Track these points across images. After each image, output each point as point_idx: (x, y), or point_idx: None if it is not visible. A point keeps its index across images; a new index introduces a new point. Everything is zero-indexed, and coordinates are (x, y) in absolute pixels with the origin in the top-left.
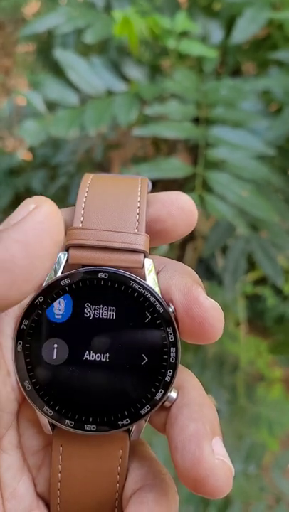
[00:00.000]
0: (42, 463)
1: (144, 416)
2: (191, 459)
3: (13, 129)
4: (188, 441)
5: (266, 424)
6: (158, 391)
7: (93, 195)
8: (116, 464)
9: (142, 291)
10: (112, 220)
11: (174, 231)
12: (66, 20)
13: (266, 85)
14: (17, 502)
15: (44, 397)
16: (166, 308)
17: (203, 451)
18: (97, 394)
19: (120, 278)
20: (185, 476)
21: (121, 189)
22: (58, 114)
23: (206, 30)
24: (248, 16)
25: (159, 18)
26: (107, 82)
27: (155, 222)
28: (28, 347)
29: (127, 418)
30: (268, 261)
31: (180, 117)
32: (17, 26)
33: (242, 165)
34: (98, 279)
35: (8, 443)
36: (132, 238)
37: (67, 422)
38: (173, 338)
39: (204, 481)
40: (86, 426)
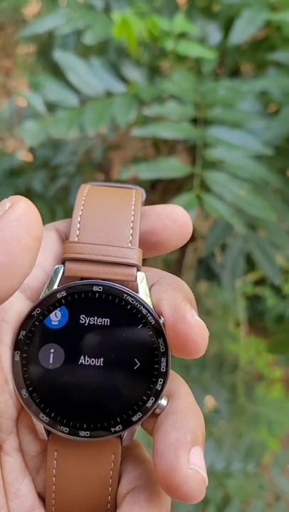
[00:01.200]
0: (40, 466)
1: (136, 423)
2: (168, 465)
3: (13, 130)
4: (168, 449)
5: (266, 423)
6: (149, 399)
7: (88, 209)
8: (108, 469)
9: (135, 304)
10: (106, 234)
11: (168, 243)
12: (66, 22)
13: (264, 86)
14: (20, 502)
15: (40, 405)
16: (157, 320)
17: (179, 460)
18: (91, 401)
19: (114, 291)
20: (162, 481)
21: (115, 203)
22: (57, 114)
23: (205, 31)
24: (247, 17)
25: (158, 20)
26: (106, 83)
27: (150, 235)
28: (25, 356)
29: (119, 425)
30: (266, 260)
31: (178, 118)
32: (17, 27)
33: (240, 165)
34: (93, 291)
35: (10, 447)
36: (125, 252)
37: (62, 428)
38: (164, 349)
39: (178, 488)
40: (80, 432)
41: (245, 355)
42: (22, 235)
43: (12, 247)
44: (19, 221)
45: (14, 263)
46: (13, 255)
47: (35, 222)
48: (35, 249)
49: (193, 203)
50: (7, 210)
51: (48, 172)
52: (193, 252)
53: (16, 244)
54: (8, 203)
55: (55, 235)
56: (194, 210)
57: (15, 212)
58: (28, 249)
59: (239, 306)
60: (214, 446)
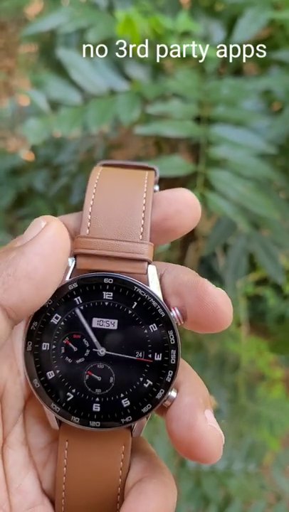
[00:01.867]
0: (47, 459)
1: (146, 414)
2: (186, 425)
3: (15, 129)
4: (183, 412)
5: (267, 423)
6: (159, 391)
7: (99, 199)
8: (119, 459)
9: (145, 296)
10: (117, 227)
11: (181, 226)
12: (69, 20)
13: (267, 85)
14: (22, 497)
15: (52, 395)
16: (167, 312)
17: (197, 419)
18: (101, 392)
19: (124, 283)
20: (179, 442)
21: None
22: (60, 112)
23: (208, 30)
24: (250, 16)
25: (161, 18)
26: (110, 81)
27: (164, 220)
28: (37, 347)
29: (129, 416)
30: (269, 259)
31: (182, 116)
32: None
33: (243, 163)
34: (104, 284)
35: (14, 439)
36: (136, 247)
37: (74, 418)
38: (174, 341)
39: (197, 444)
40: (91, 422)
41: (246, 355)
42: (57, 250)
43: (51, 261)
44: (55, 238)
45: (51, 274)
46: (51, 267)
47: (66, 238)
48: (66, 263)
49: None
50: (44, 229)
51: (50, 171)
52: (195, 251)
53: (53, 258)
54: (43, 221)
55: None
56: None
57: (51, 231)
58: (62, 263)
59: (240, 306)
60: None
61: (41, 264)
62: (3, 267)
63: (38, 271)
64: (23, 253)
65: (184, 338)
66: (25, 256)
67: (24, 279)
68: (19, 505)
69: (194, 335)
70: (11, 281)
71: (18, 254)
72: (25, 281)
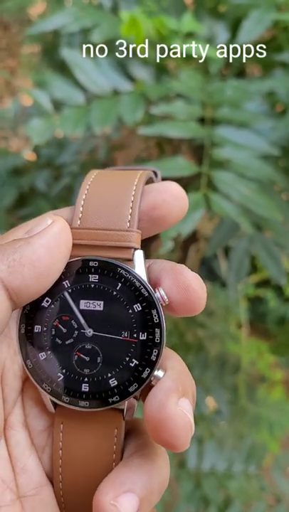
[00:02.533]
0: (46, 443)
1: (133, 393)
2: (158, 404)
3: (17, 129)
4: (159, 392)
5: (267, 425)
6: (144, 369)
7: (92, 193)
8: (112, 443)
9: (129, 277)
10: (106, 218)
11: (169, 215)
12: (73, 20)
13: (271, 86)
14: (28, 477)
15: (44, 375)
16: (150, 292)
17: (168, 400)
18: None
19: (108, 265)
20: (150, 420)
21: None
22: (64, 112)
23: (212, 31)
24: (254, 18)
25: (166, 19)
26: (114, 81)
27: (152, 210)
28: (29, 329)
29: (116, 395)
30: (271, 260)
31: (185, 117)
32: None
33: (246, 164)
34: (89, 266)
35: (15, 420)
36: (123, 236)
37: (64, 397)
38: (157, 320)
39: (164, 424)
40: (80, 402)
41: (246, 356)
42: (61, 244)
43: (54, 253)
44: (60, 234)
45: (54, 265)
46: (54, 259)
47: (69, 236)
48: (67, 257)
49: (200, 202)
50: (50, 225)
51: (52, 171)
52: (196, 253)
53: (56, 251)
54: (50, 219)
55: None
56: (202, 209)
57: (56, 227)
58: (64, 256)
59: (241, 308)
60: (216, 447)
61: (45, 255)
62: (10, 252)
63: (42, 260)
64: (29, 243)
65: (184, 340)
66: (32, 246)
67: (28, 266)
68: (25, 485)
69: (195, 336)
70: (16, 265)
71: (24, 244)
72: (29, 268)
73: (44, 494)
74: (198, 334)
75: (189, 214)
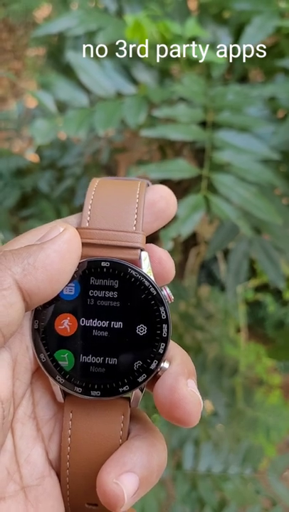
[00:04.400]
0: (53, 431)
1: (141, 383)
2: (169, 388)
3: (21, 130)
4: (168, 377)
5: (264, 428)
6: (152, 362)
7: (98, 198)
8: (118, 428)
9: (138, 277)
10: (113, 220)
11: (167, 208)
12: (78, 23)
13: (272, 92)
14: (31, 468)
15: (57, 367)
16: (158, 291)
17: (179, 383)
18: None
19: (120, 266)
20: (162, 402)
21: (122, 193)
22: (68, 114)
23: (215, 36)
24: (257, 24)
25: (170, 24)
26: (117, 84)
27: (153, 205)
28: (42, 325)
29: (126, 385)
30: (270, 264)
31: (188, 120)
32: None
33: (247, 168)
34: (101, 267)
35: (22, 413)
36: (130, 237)
37: (76, 388)
38: (165, 316)
39: (177, 405)
40: (92, 392)
41: (244, 360)
42: (72, 251)
43: (66, 259)
44: (71, 241)
45: (65, 270)
46: (65, 263)
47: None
48: (76, 263)
49: (200, 203)
50: (62, 232)
51: (55, 173)
52: (196, 256)
53: (68, 257)
54: (61, 227)
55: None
56: (202, 211)
57: (67, 235)
58: (74, 263)
59: (240, 312)
60: (212, 449)
61: (58, 259)
62: (24, 256)
63: (54, 265)
64: (43, 248)
65: (183, 342)
66: (45, 251)
67: (41, 269)
68: (29, 475)
69: (194, 339)
70: (30, 269)
71: (38, 249)
72: (42, 272)
73: (47, 484)
74: (197, 337)
75: (189, 215)
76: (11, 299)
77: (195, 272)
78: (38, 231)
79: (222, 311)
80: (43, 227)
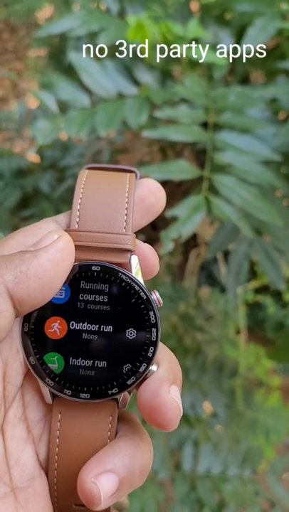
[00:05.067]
0: (42, 432)
1: (130, 386)
2: (151, 392)
3: (22, 131)
4: (152, 381)
5: (263, 430)
6: (142, 365)
7: (87, 197)
8: (106, 429)
9: (128, 281)
10: (103, 221)
11: (156, 203)
12: (80, 24)
13: (274, 93)
14: (21, 469)
15: (46, 370)
16: (148, 295)
17: (161, 388)
18: (91, 367)
19: (110, 270)
20: (143, 405)
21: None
22: (69, 114)
23: (217, 38)
24: (259, 25)
25: (172, 25)
26: (119, 85)
27: (142, 200)
28: (32, 328)
29: (115, 388)
30: (270, 265)
31: (189, 121)
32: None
33: (248, 169)
34: (92, 271)
35: (13, 415)
36: (120, 238)
37: (66, 391)
38: (154, 320)
39: (158, 409)
40: (81, 394)
41: (244, 361)
42: (65, 259)
43: (58, 267)
44: (65, 250)
45: (57, 278)
46: (58, 272)
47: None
48: (68, 271)
49: (201, 204)
50: (56, 240)
51: (56, 173)
52: (196, 257)
53: (61, 265)
54: (56, 234)
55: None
56: (203, 212)
57: (61, 242)
58: (66, 270)
59: (240, 313)
60: (211, 450)
61: (50, 268)
62: (17, 263)
63: (46, 273)
64: (36, 256)
65: (183, 343)
66: (38, 259)
67: (34, 278)
68: (19, 477)
69: (193, 340)
70: (22, 276)
71: (31, 256)
72: (34, 280)
73: (37, 486)
74: (197, 338)
75: (190, 216)
76: (1, 306)
77: (195, 273)
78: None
79: (222, 312)
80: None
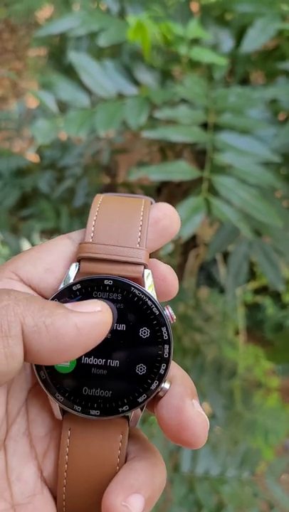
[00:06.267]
0: (48, 448)
1: (141, 404)
2: (175, 410)
3: (21, 130)
4: (173, 399)
5: (262, 431)
6: (153, 382)
7: (102, 214)
8: (117, 447)
9: (141, 296)
10: (118, 236)
11: (171, 226)
12: (81, 24)
13: (274, 94)
14: (22, 485)
15: (56, 385)
16: (161, 311)
17: (185, 404)
18: (102, 383)
19: (122, 285)
20: (168, 426)
21: (126, 209)
22: (69, 114)
23: (217, 38)
24: (259, 26)
25: (172, 25)
26: (119, 85)
27: (156, 223)
28: None
29: (126, 405)
30: (270, 266)
31: (189, 122)
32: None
33: (248, 170)
34: (104, 285)
35: (16, 430)
36: (134, 252)
37: (76, 407)
38: (167, 337)
39: (185, 427)
40: (91, 411)
41: (243, 362)
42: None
43: (80, 338)
44: (97, 325)
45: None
46: (76, 343)
47: (103, 333)
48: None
49: (201, 205)
50: (96, 313)
51: (55, 173)
52: (195, 258)
53: (84, 338)
54: (99, 307)
55: (68, 242)
56: (202, 213)
57: (99, 317)
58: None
59: (239, 314)
60: (210, 452)
61: (72, 335)
62: (45, 314)
63: (65, 338)
64: (66, 317)
65: (182, 344)
66: (67, 320)
67: (52, 336)
68: (20, 493)
69: (192, 341)
70: (42, 329)
71: (62, 314)
72: (50, 339)
73: (37, 502)
74: (196, 339)
75: (190, 217)
76: (14, 349)
77: (194, 274)
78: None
79: (221, 313)
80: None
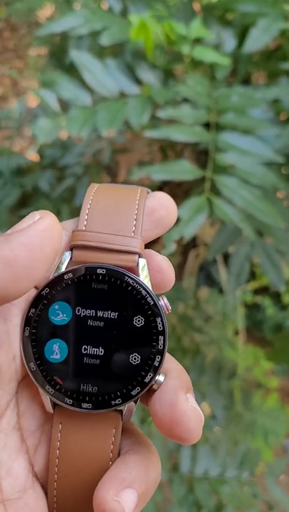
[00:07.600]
0: (39, 442)
1: (135, 397)
2: (168, 404)
3: (22, 129)
4: (166, 393)
5: (261, 432)
6: (147, 374)
7: (96, 202)
8: (109, 442)
9: (135, 285)
10: (112, 224)
11: (168, 216)
12: (83, 23)
13: (276, 94)
14: (12, 480)
15: (47, 377)
16: (155, 301)
17: (178, 398)
18: (94, 375)
19: (116, 273)
20: (162, 420)
21: (121, 197)
22: (71, 113)
23: (220, 38)
24: (262, 26)
25: (175, 24)
26: (121, 84)
27: (153, 212)
28: (34, 332)
29: (119, 398)
30: (271, 267)
31: (191, 121)
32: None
33: (250, 170)
34: (97, 274)
35: (6, 424)
36: (128, 241)
37: (67, 400)
38: (161, 328)
39: (179, 421)
40: (83, 404)
41: (243, 362)
42: (45, 244)
43: (36, 254)
44: (44, 232)
45: (34, 268)
46: (34, 261)
47: (57, 235)
48: (52, 259)
49: (204, 205)
50: (36, 221)
51: (55, 172)
52: (195, 258)
53: (40, 252)
54: (38, 215)
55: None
56: (205, 213)
57: (42, 224)
58: (48, 258)
59: (238, 314)
60: (209, 452)
61: (24, 254)
62: None
63: (19, 260)
64: (8, 240)
65: (181, 344)
66: (10, 243)
67: (2, 265)
68: (10, 488)
69: (192, 341)
70: None
71: (3, 241)
72: (3, 268)
73: (29, 498)
74: (196, 339)
75: (192, 217)
76: None
77: (194, 274)
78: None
79: (221, 313)
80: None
